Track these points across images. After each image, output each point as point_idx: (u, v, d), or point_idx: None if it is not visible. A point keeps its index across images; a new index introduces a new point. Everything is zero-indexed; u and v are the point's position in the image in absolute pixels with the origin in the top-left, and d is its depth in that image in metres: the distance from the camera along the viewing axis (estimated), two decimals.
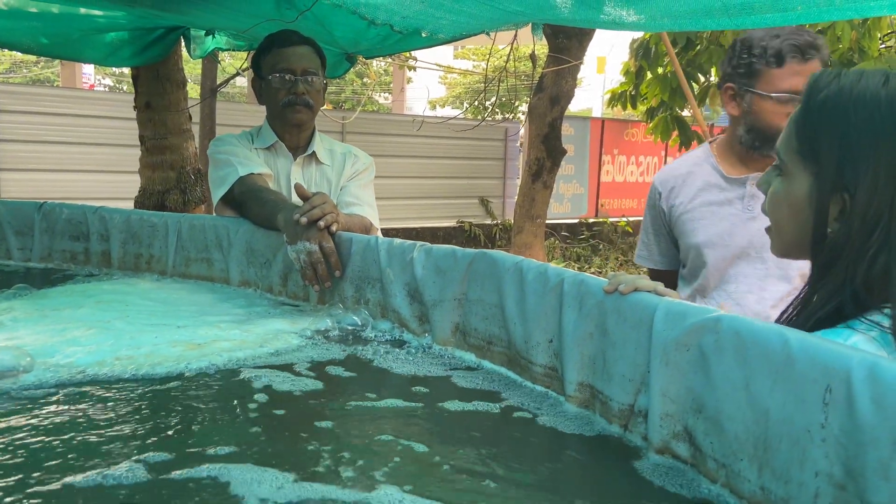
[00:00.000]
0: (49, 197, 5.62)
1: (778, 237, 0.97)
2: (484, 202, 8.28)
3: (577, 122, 9.44)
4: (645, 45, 6.98)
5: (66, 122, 5.64)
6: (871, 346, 0.80)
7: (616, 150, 9.88)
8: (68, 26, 3.05)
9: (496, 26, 1.97)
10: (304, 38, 1.86)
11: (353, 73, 25.16)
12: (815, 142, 0.88)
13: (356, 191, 1.92)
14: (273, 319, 1.40)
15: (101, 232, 1.84)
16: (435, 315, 1.23)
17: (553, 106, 5.50)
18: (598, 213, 9.61)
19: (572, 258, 8.04)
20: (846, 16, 1.53)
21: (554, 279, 1.01)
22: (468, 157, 8.08)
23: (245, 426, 0.89)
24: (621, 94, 7.92)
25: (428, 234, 7.58)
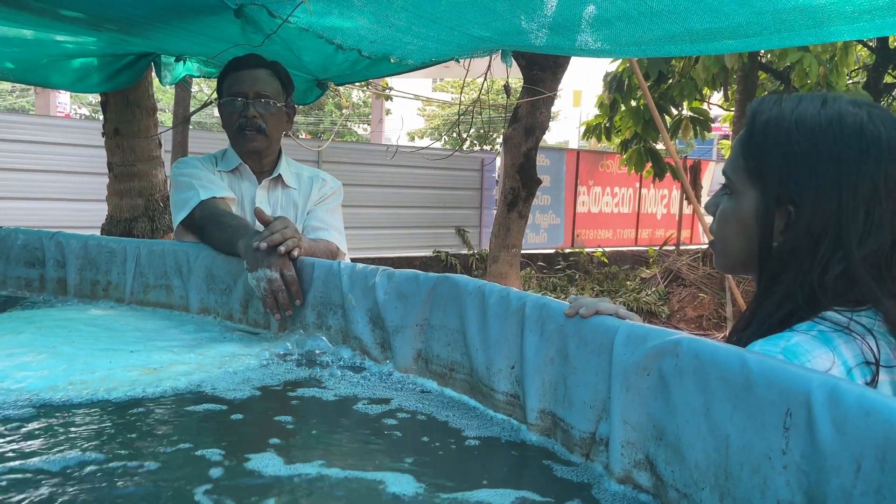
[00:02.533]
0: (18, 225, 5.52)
1: (723, 254, 0.98)
2: (460, 232, 8.27)
3: (552, 154, 9.52)
4: (618, 77, 7.09)
5: (35, 149, 5.55)
6: (812, 344, 0.80)
7: (591, 182, 9.96)
8: (35, 52, 3.01)
9: (465, 53, 1.97)
10: (265, 61, 1.83)
11: (332, 104, 25.30)
12: (760, 159, 0.90)
13: (323, 215, 1.88)
14: (229, 344, 1.36)
15: (57, 258, 1.78)
16: (396, 341, 1.19)
17: (528, 136, 5.53)
18: (574, 244, 9.64)
19: (548, 288, 8.03)
20: (806, 41, 1.56)
21: (516, 303, 0.98)
22: (444, 187, 8.09)
23: (204, 452, 0.85)
24: (596, 126, 8.04)
25: (404, 264, 7.53)
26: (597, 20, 1.49)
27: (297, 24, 1.72)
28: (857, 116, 0.85)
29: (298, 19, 1.67)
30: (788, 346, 0.81)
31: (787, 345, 0.81)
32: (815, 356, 0.80)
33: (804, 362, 0.79)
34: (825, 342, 0.81)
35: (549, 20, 1.48)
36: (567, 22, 1.50)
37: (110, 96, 3.49)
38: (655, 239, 10.69)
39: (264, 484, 0.77)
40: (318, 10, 1.59)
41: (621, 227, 10.56)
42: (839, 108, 0.86)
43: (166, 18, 1.81)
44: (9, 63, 3.01)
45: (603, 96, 7.89)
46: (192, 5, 1.63)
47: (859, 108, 0.86)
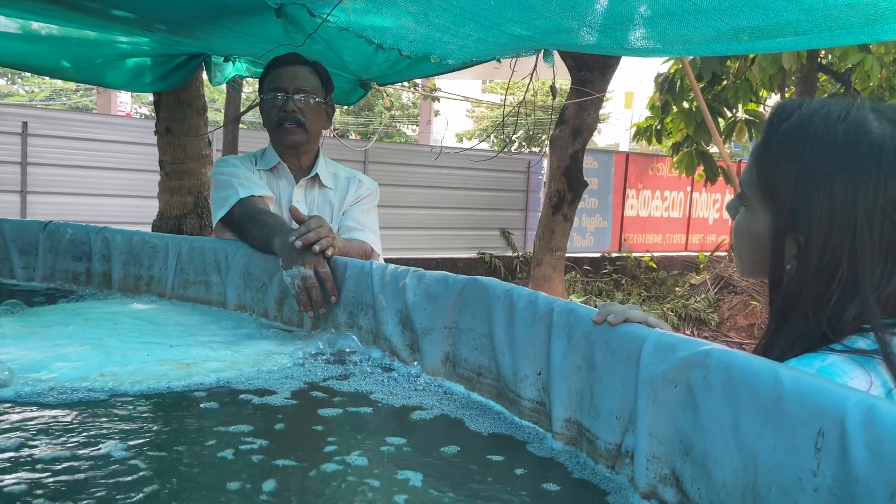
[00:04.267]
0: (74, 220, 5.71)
1: (740, 261, 0.95)
2: (505, 234, 8.22)
3: (601, 156, 9.39)
4: (670, 78, 6.95)
5: (93, 146, 5.74)
6: (848, 364, 0.76)
7: (641, 185, 9.79)
8: (91, 51, 3.11)
9: (507, 52, 1.94)
10: (305, 59, 1.84)
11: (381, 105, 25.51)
12: (773, 178, 0.84)
13: (358, 216, 1.88)
14: (264, 342, 1.37)
15: (103, 252, 1.83)
16: (425, 344, 1.18)
17: (575, 138, 5.46)
18: (621, 248, 9.49)
19: (594, 292, 7.91)
20: (859, 39, 1.48)
21: (543, 308, 0.96)
22: (490, 189, 8.05)
23: (216, 448, 0.85)
24: (646, 128, 7.89)
25: (448, 265, 7.54)
26: (640, 18, 1.44)
27: (337, 24, 1.72)
28: (879, 133, 0.77)
29: (338, 18, 1.67)
30: (823, 366, 0.76)
31: (822, 365, 0.76)
32: (851, 377, 0.75)
33: None
34: (863, 362, 0.76)
35: (590, 18, 1.44)
36: (609, 20, 1.46)
37: (163, 96, 3.58)
38: (706, 244, 10.45)
39: (280, 481, 0.77)
40: (357, 9, 1.59)
41: (671, 232, 10.35)
42: (860, 122, 0.79)
43: (212, 19, 1.83)
44: (65, 62, 3.11)
45: (654, 98, 7.75)
46: (236, 6, 1.65)
47: (885, 123, 0.78)
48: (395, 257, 7.20)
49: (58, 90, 26.96)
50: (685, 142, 7.33)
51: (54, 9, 2.12)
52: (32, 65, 3.06)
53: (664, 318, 7.48)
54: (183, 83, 3.41)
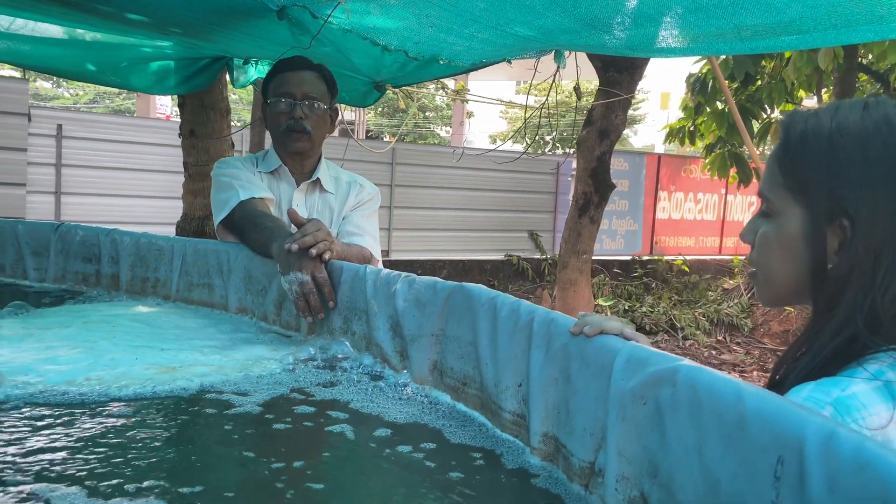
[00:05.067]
0: (106, 221, 5.85)
1: (767, 285, 0.87)
2: (533, 236, 8.16)
3: (632, 158, 9.26)
4: (701, 79, 6.82)
5: (124, 148, 5.85)
6: (872, 398, 0.70)
7: (673, 187, 9.63)
8: (116, 55, 3.15)
9: (515, 53, 1.91)
10: (312, 64, 1.83)
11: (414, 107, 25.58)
12: (802, 172, 0.80)
13: (358, 220, 1.87)
14: (258, 346, 1.36)
15: (111, 254, 1.84)
16: (413, 351, 1.15)
17: (602, 139, 5.39)
18: (652, 251, 9.34)
19: (623, 296, 7.80)
20: (865, 38, 1.42)
21: (525, 316, 0.93)
22: (518, 190, 8.00)
23: (188, 453, 0.84)
24: (679, 129, 7.75)
25: (475, 267, 7.50)
26: (641, 17, 1.40)
27: (340, 26, 1.71)
28: None
29: (340, 20, 1.66)
30: (842, 396, 0.71)
31: (840, 395, 0.71)
32: (872, 413, 0.70)
33: (857, 419, 0.69)
34: (888, 395, 0.71)
35: (588, 18, 1.40)
36: (608, 19, 1.42)
37: (187, 98, 3.62)
38: (741, 248, 10.23)
39: (245, 488, 0.75)
40: (357, 10, 1.57)
41: (704, 235, 10.16)
42: (885, 111, 0.77)
43: (221, 22, 1.84)
44: (90, 65, 3.16)
45: (686, 98, 7.61)
46: (241, 8, 1.65)
47: None
48: (422, 259, 7.20)
49: (101, 93, 27.57)
50: (718, 143, 7.18)
51: (71, 12, 2.15)
52: (58, 68, 3.12)
53: (696, 323, 7.34)
54: (206, 86, 3.45)
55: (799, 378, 0.75)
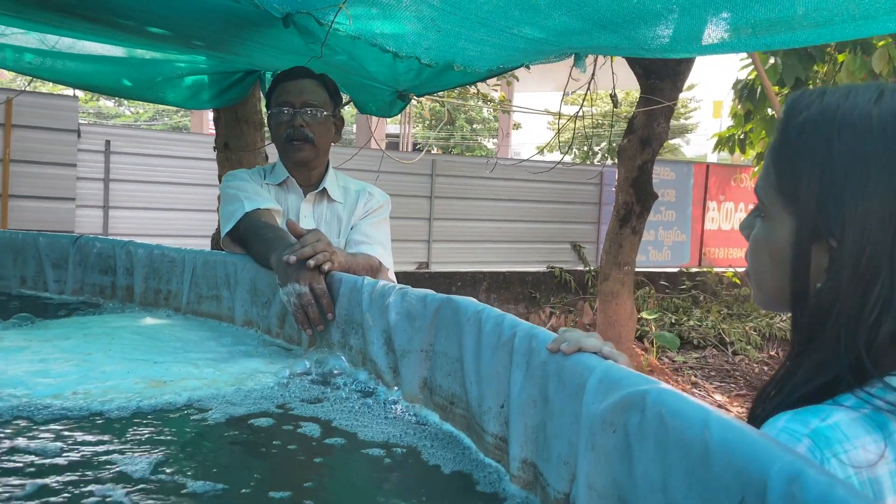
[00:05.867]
0: (151, 234, 5.99)
1: (758, 289, 0.79)
2: (576, 247, 8.01)
3: (679, 167, 9.04)
4: (749, 85, 6.61)
5: (170, 163, 5.98)
6: (855, 428, 0.61)
7: (722, 197, 9.35)
8: (151, 70, 3.21)
9: (532, 58, 1.85)
10: (312, 72, 1.81)
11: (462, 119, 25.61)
12: (794, 177, 0.70)
13: (367, 229, 1.82)
14: (256, 360, 1.33)
15: (126, 266, 1.85)
16: (403, 367, 1.10)
17: (644, 148, 5.25)
18: (701, 263, 9.08)
19: (670, 309, 7.58)
20: (887, 29, 1.31)
21: (507, 331, 0.86)
22: (561, 201, 7.88)
23: (158, 471, 0.81)
24: (728, 137, 7.53)
25: (516, 279, 7.40)
26: (649, 15, 1.32)
27: (347, 32, 1.68)
28: None
29: (345, 26, 1.63)
30: (822, 427, 0.61)
31: (820, 425, 0.62)
32: (856, 445, 0.60)
33: (838, 454, 0.59)
34: (877, 426, 0.62)
35: (595, 18, 1.33)
36: (617, 17, 1.35)
37: (221, 112, 3.67)
38: None
39: None
40: (360, 15, 1.54)
41: None
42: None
43: (236, 33, 1.84)
44: (126, 81, 3.23)
45: (735, 106, 7.39)
46: (249, 17, 1.64)
47: None
48: (462, 271, 7.14)
49: (159, 111, 28.43)
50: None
51: (99, 28, 2.19)
52: (95, 84, 3.20)
53: (746, 337, 7.08)
54: (239, 99, 3.48)
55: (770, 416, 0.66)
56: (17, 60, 2.99)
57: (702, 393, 5.71)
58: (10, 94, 5.04)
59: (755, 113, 6.94)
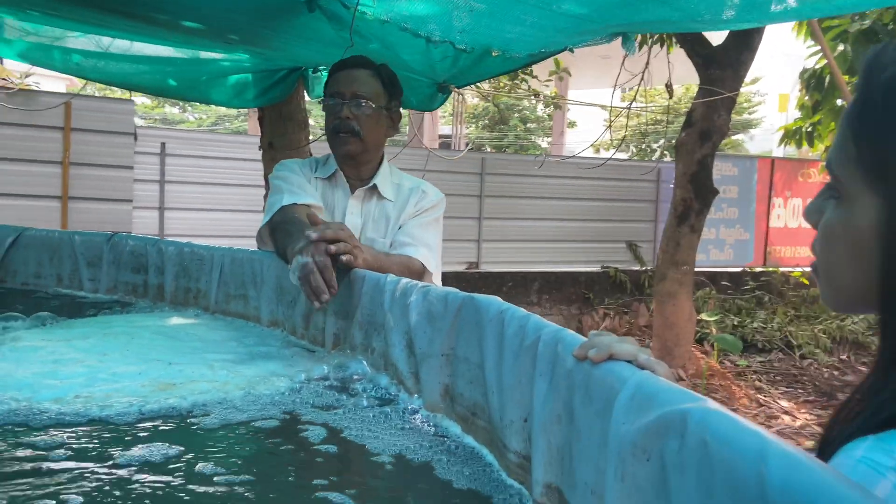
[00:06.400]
0: (205, 235, 6.06)
1: (829, 286, 0.65)
2: (632, 247, 7.76)
3: (742, 162, 8.67)
4: (817, 74, 6.27)
5: (223, 164, 6.04)
6: None
7: (789, 193, 8.93)
8: (195, 70, 3.20)
9: (575, 40, 1.72)
10: (368, 62, 1.72)
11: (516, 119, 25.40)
12: (881, 144, 0.57)
13: (413, 229, 1.71)
14: (274, 362, 1.25)
15: (157, 264, 1.81)
16: (423, 372, 1.00)
17: (703, 142, 5.02)
18: (766, 262, 8.69)
19: (732, 311, 7.26)
20: None
21: (531, 334, 0.76)
22: (616, 199, 7.65)
23: (149, 479, 0.73)
24: (795, 130, 7.17)
25: (569, 279, 7.21)
26: None
27: (376, 16, 1.59)
28: None
29: (372, 9, 1.54)
30: None
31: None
32: None
33: None
34: None
35: None
36: None
37: (265, 111, 3.65)
38: None
39: None
40: None
41: None
42: None
43: (267, 23, 1.78)
44: (171, 80, 3.23)
45: (802, 97, 7.03)
46: (275, 3, 1.57)
47: None
48: (513, 271, 7.01)
49: (222, 116, 29.12)
50: None
51: (132, 24, 2.16)
52: (141, 84, 3.21)
53: (815, 340, 6.71)
54: (283, 97, 3.45)
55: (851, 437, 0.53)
56: (65, 62, 3.02)
57: (767, 398, 5.43)
58: (68, 98, 5.17)
59: (823, 104, 6.59)
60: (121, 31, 2.50)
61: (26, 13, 2.50)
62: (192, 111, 29.87)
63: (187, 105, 28.94)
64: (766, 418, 5.07)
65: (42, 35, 2.82)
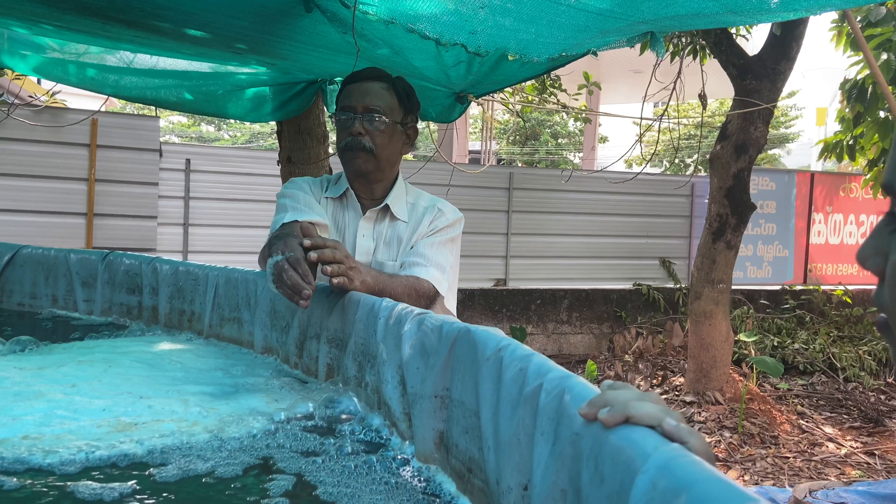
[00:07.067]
0: (229, 251, 6.02)
1: None
2: (665, 263, 7.51)
3: (779, 176, 8.38)
4: (859, 85, 6.01)
5: (246, 180, 5.99)
6: None
7: (830, 208, 8.59)
8: (212, 83, 3.14)
9: (599, 42, 1.57)
10: (383, 74, 1.60)
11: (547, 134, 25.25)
12: None
13: (425, 249, 1.57)
14: (256, 396, 1.12)
15: (152, 285, 1.70)
16: (415, 415, 0.86)
17: (739, 155, 4.81)
18: (806, 280, 8.35)
19: (771, 331, 6.95)
20: None
21: (532, 381, 0.61)
22: (648, 214, 7.41)
23: None
24: (835, 143, 6.90)
25: (600, 297, 6.99)
26: None
27: (379, 16, 1.47)
28: None
29: (374, 7, 1.42)
30: None
31: None
32: None
33: None
34: None
35: None
36: None
37: (284, 125, 3.56)
38: None
39: None
40: None
41: None
42: None
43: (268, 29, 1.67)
44: (188, 94, 3.16)
45: (843, 109, 6.76)
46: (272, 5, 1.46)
47: None
48: (541, 288, 6.82)
49: (255, 134, 29.49)
50: (881, 157, 6.29)
51: (138, 34, 2.08)
52: (156, 98, 3.14)
53: (860, 362, 6.39)
54: (301, 111, 3.36)
55: None
56: (80, 76, 2.98)
57: (810, 424, 5.15)
58: (92, 115, 5.16)
59: (866, 115, 6.33)
60: (129, 44, 2.43)
61: (40, 27, 2.45)
62: (226, 129, 30.31)
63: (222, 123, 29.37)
64: (810, 446, 4.80)
65: (58, 50, 2.77)
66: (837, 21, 4.99)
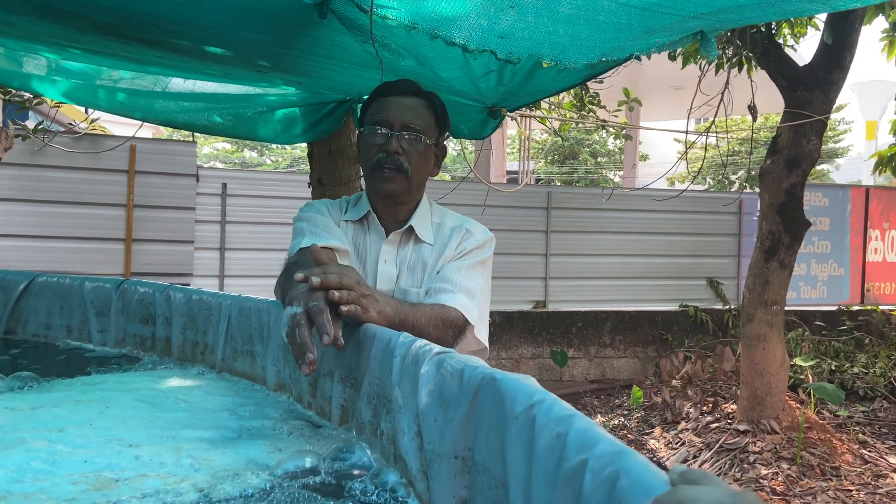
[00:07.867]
0: (263, 274, 5.97)
1: None
2: (713, 284, 7.22)
3: (832, 192, 8.03)
4: None
5: (282, 203, 5.96)
6: None
7: (887, 224, 8.20)
8: (241, 105, 3.08)
9: (641, 44, 1.42)
10: (418, 89, 1.47)
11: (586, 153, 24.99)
12: None
13: (452, 274, 1.43)
14: (259, 444, 0.99)
15: (165, 314, 1.60)
16: (432, 476, 0.72)
17: (791, 170, 4.58)
18: (863, 300, 7.96)
19: (828, 354, 6.60)
20: None
21: (573, 453, 0.47)
22: (694, 233, 7.15)
23: None
24: (891, 157, 6.58)
25: (644, 319, 6.74)
26: None
27: (399, 21, 1.35)
28: None
29: (393, 11, 1.30)
30: None
31: None
32: None
33: None
34: None
35: None
36: None
37: (314, 146, 3.49)
38: None
39: None
40: None
41: None
42: None
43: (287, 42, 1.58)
44: (217, 117, 3.11)
45: None
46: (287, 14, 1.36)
47: None
48: (583, 310, 6.61)
49: (297, 159, 29.92)
50: None
51: (160, 54, 2.01)
52: (186, 122, 3.10)
53: None
54: (331, 132, 3.29)
55: None
56: (110, 101, 2.95)
57: (873, 454, 4.82)
58: (129, 140, 5.19)
59: None
60: (154, 66, 2.37)
61: (66, 51, 2.41)
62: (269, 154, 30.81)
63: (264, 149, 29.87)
64: (874, 477, 4.48)
65: (88, 75, 2.74)
66: (889, 30, 4.75)
